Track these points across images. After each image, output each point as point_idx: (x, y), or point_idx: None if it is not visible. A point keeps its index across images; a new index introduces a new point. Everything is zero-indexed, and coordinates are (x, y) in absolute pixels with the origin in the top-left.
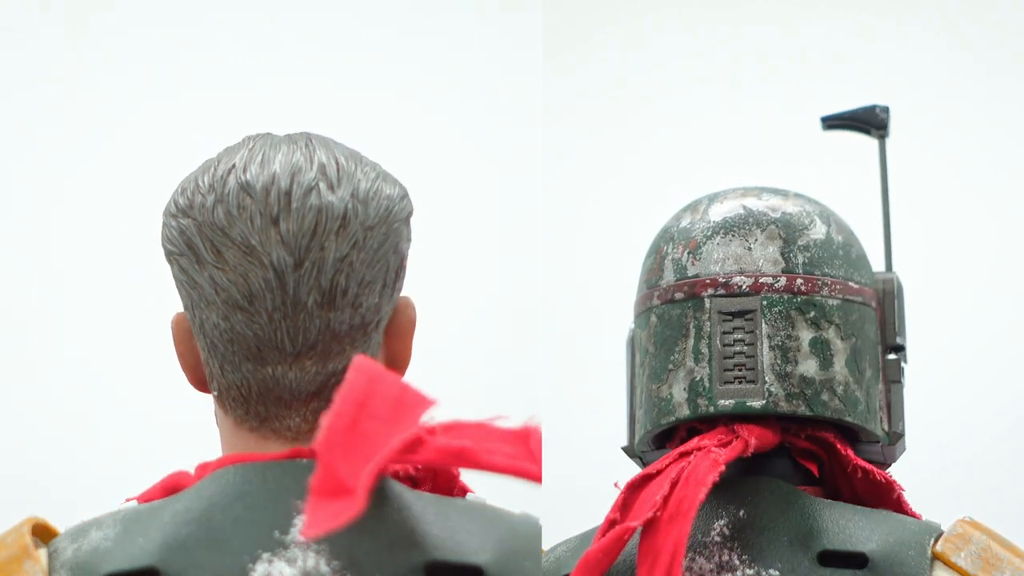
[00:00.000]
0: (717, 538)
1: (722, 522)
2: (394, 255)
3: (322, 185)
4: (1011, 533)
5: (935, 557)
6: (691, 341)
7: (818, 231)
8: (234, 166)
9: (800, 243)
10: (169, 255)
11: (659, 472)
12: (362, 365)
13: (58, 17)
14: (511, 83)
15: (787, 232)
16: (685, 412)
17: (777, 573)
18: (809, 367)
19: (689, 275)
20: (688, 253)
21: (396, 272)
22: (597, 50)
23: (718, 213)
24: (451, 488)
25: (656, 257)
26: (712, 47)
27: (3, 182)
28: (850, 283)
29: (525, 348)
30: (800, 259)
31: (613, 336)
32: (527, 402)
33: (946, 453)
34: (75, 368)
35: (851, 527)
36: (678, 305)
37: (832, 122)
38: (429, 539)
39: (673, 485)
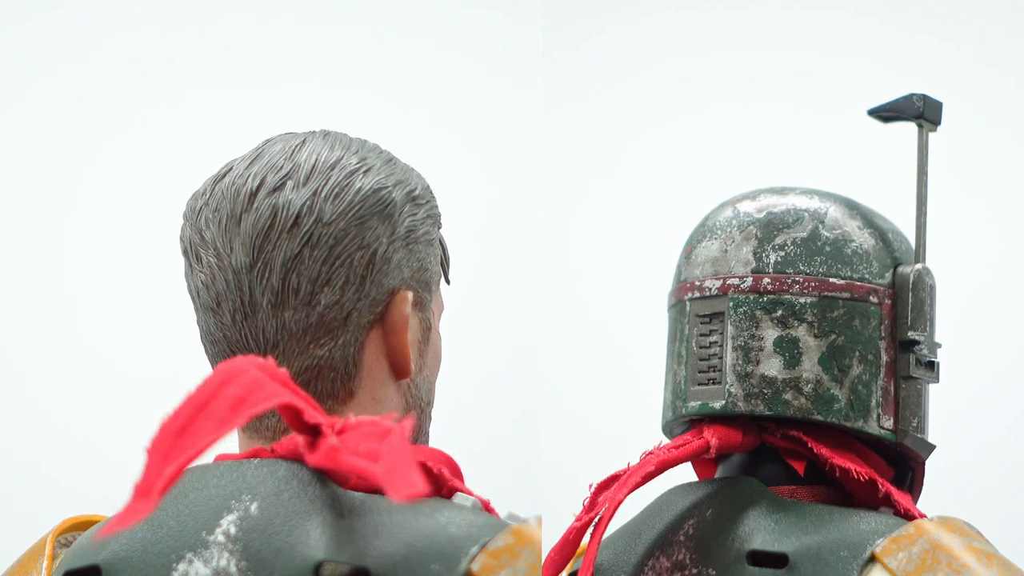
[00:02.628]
0: (681, 537)
1: (692, 522)
2: (359, 251)
3: (289, 183)
4: (1011, 533)
5: (874, 558)
6: (677, 344)
7: (802, 229)
8: (230, 170)
9: (776, 242)
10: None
11: (624, 473)
12: (224, 365)
13: (64, 17)
14: (511, 83)
15: (764, 232)
16: (669, 415)
17: (715, 572)
18: (771, 366)
19: (681, 280)
20: (684, 258)
21: (366, 267)
22: (597, 50)
23: (713, 217)
24: (440, 488)
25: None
26: (712, 47)
27: (10, 181)
28: (831, 279)
29: (524, 347)
30: (772, 258)
31: (612, 335)
32: (527, 402)
33: (946, 453)
34: (86, 359)
35: (791, 527)
36: (673, 309)
37: (877, 113)
38: (329, 540)
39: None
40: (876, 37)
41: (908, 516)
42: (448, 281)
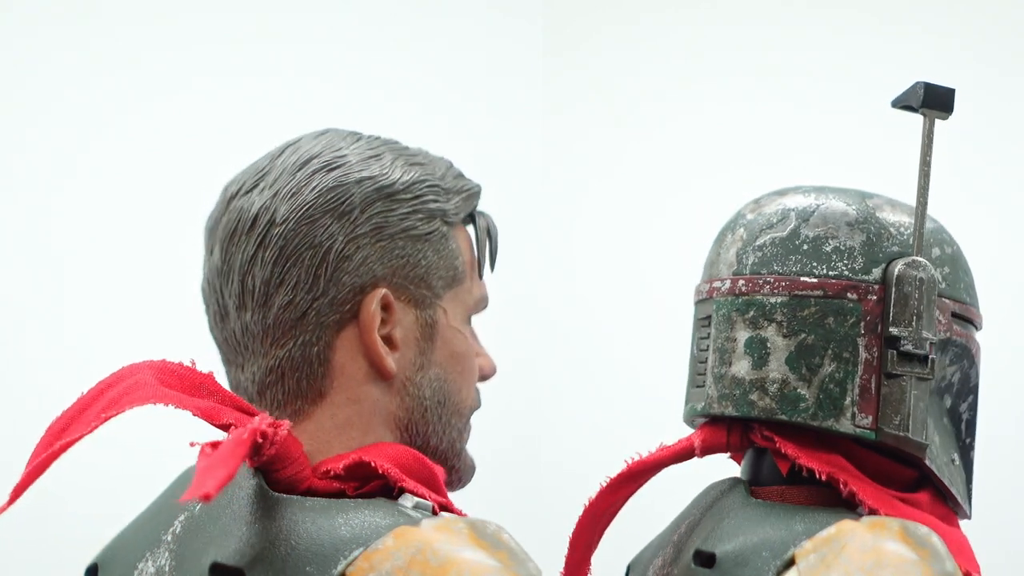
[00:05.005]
0: (675, 537)
1: (687, 522)
2: (310, 249)
3: (260, 185)
4: (1011, 533)
5: (794, 558)
6: (688, 348)
7: (783, 228)
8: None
9: (757, 243)
10: None
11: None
12: (125, 367)
13: (64, 17)
14: (511, 82)
15: (749, 234)
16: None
17: (676, 572)
18: (741, 367)
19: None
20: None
21: (319, 266)
22: (597, 50)
23: (725, 222)
24: (390, 489)
25: None
26: (712, 46)
27: (8, 180)
28: (802, 278)
29: (524, 347)
30: (751, 260)
31: (612, 335)
32: (526, 402)
33: None
34: (85, 359)
35: (738, 527)
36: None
37: (896, 105)
38: (228, 542)
39: None
40: (877, 36)
41: (874, 515)
42: (480, 275)
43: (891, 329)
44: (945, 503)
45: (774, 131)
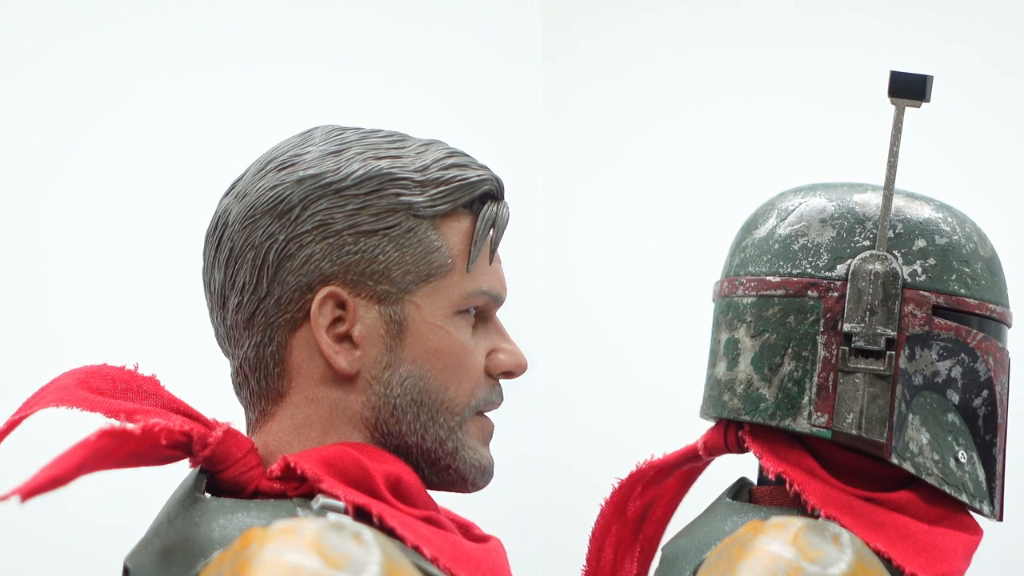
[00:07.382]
0: None
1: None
2: (252, 251)
3: (235, 188)
4: (1010, 533)
5: (705, 559)
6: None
7: (763, 229)
8: None
9: (743, 244)
10: None
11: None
12: (64, 372)
13: (64, 7)
14: (511, 81)
15: (741, 235)
16: None
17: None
18: (720, 369)
19: None
20: None
21: (261, 267)
22: (597, 49)
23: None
24: (313, 488)
25: None
26: (712, 46)
27: (2, 173)
28: (768, 277)
29: (524, 346)
30: (736, 261)
31: (611, 334)
32: (526, 401)
33: None
34: (73, 358)
35: (696, 526)
36: None
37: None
38: (139, 542)
39: None
40: (877, 36)
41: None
42: (468, 268)
43: (845, 326)
44: (946, 503)
45: (774, 130)
